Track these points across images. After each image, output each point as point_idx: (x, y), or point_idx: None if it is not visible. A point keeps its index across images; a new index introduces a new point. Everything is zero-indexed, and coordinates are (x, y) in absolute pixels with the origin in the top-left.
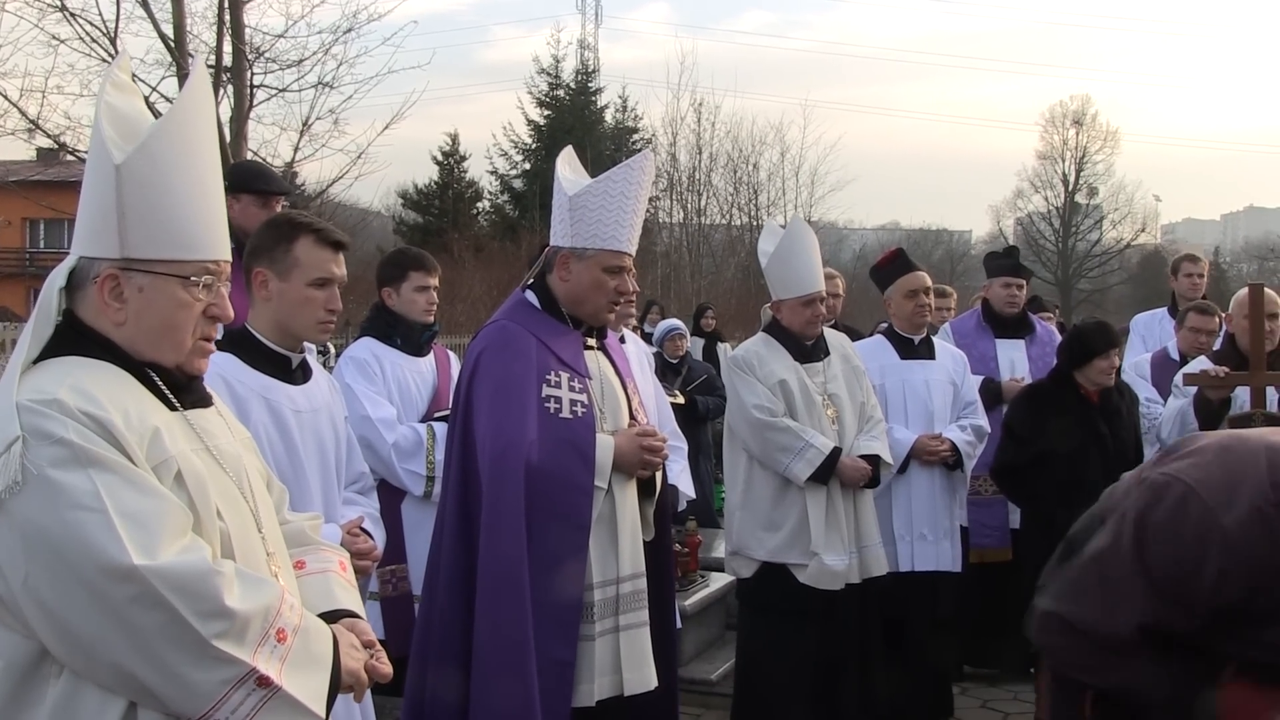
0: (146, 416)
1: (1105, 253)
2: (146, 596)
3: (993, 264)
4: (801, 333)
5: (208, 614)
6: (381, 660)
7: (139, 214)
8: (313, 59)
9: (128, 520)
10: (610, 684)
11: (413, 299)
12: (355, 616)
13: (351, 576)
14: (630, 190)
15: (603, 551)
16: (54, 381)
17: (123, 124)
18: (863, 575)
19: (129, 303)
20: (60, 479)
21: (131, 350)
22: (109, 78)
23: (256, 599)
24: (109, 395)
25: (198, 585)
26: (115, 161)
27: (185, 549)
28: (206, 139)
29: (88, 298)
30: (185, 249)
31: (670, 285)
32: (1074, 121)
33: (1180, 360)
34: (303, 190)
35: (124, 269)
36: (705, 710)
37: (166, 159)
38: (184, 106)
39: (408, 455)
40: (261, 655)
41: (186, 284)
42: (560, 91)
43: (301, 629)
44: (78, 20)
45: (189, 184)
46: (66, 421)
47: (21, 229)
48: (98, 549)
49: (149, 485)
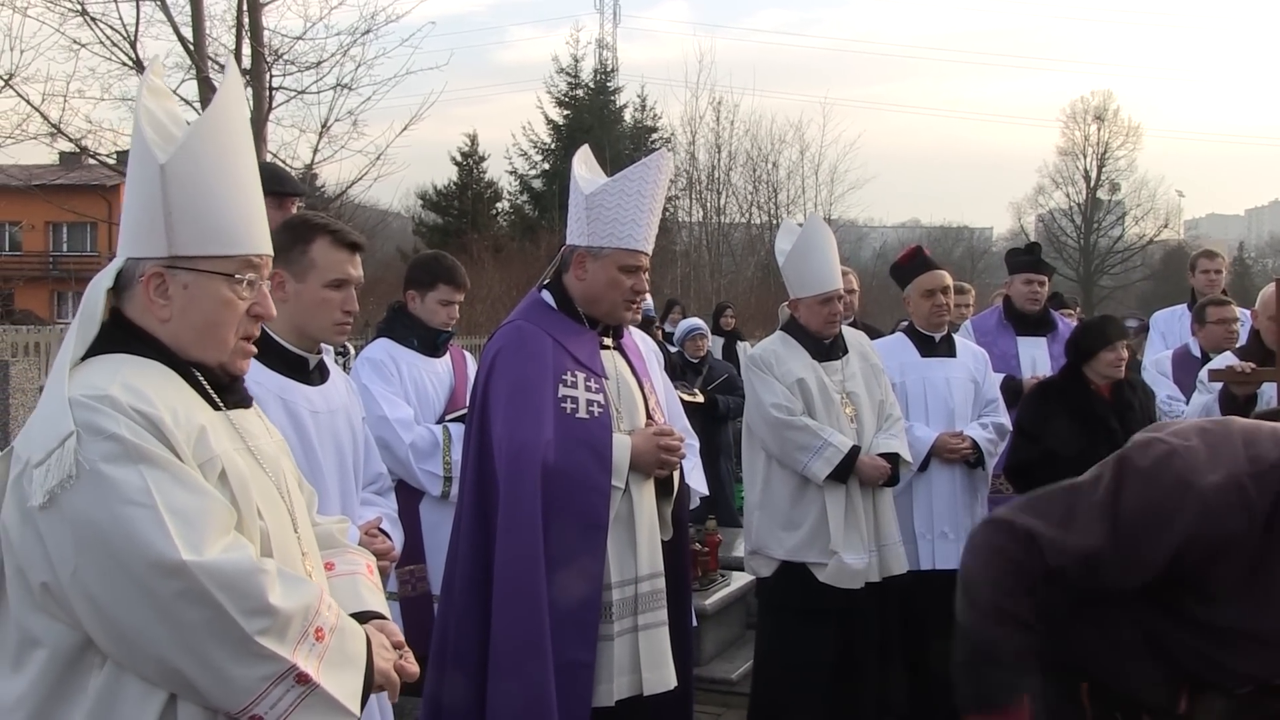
0: (193, 415)
1: (1128, 249)
2: (193, 592)
3: (1014, 261)
4: (819, 331)
5: (252, 611)
6: (409, 660)
7: (184, 211)
8: (331, 61)
9: (176, 517)
10: (629, 684)
11: (435, 310)
12: (381, 617)
13: (377, 579)
14: (647, 189)
15: (621, 551)
16: (106, 378)
17: (161, 127)
18: (882, 574)
19: (174, 300)
20: (112, 474)
21: (176, 348)
22: (145, 83)
23: (298, 597)
24: (158, 393)
25: (243, 582)
26: (160, 162)
27: (229, 546)
28: (243, 136)
29: (134, 297)
30: (229, 244)
31: (690, 284)
32: (1095, 117)
33: (1201, 357)
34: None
35: (169, 267)
36: (725, 709)
37: (208, 156)
38: (221, 105)
39: (425, 455)
40: (301, 653)
41: (231, 282)
42: (579, 91)
43: (338, 628)
44: (98, 24)
45: (230, 180)
46: (119, 417)
47: (45, 232)
48: (147, 544)
49: (196, 483)
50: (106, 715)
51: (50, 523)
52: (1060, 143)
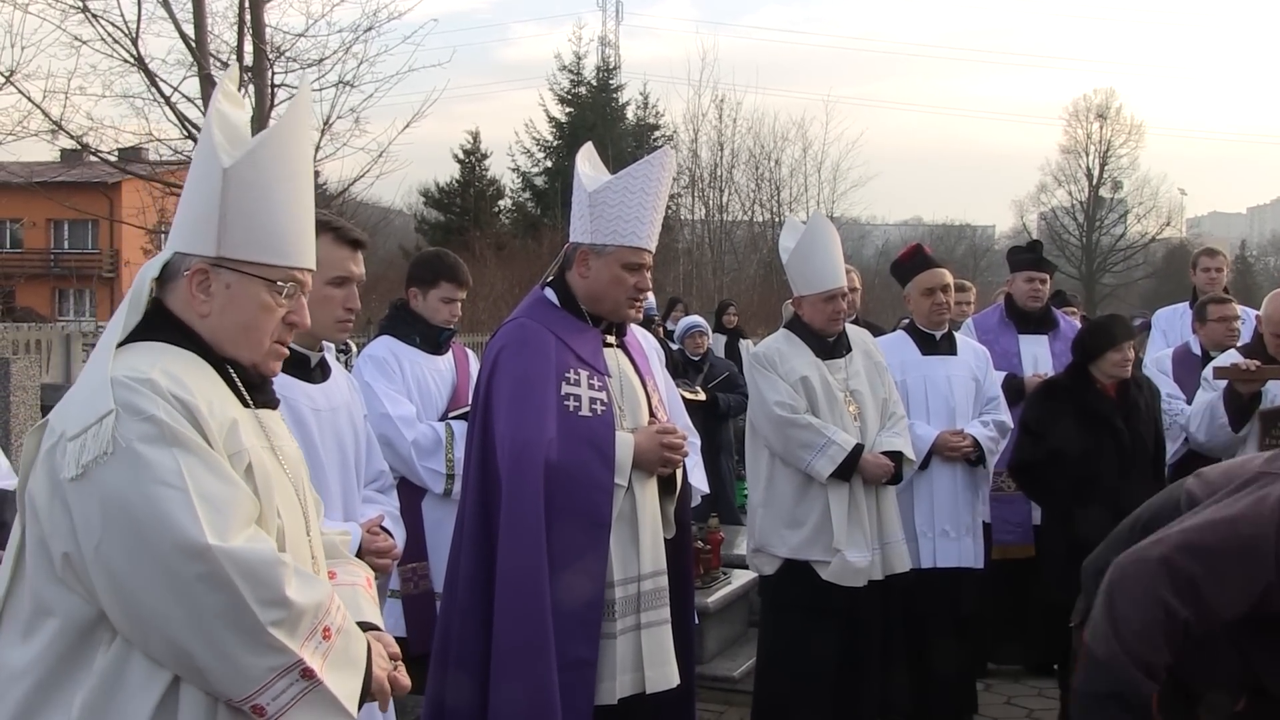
0: (226, 408)
1: (1130, 247)
2: (214, 576)
3: (1016, 259)
4: (823, 329)
5: (268, 601)
6: (403, 673)
7: (239, 216)
8: (333, 58)
9: (205, 502)
10: (632, 681)
11: (437, 307)
12: (378, 629)
13: (375, 593)
14: (650, 186)
15: (624, 549)
16: (147, 363)
17: (231, 131)
18: (885, 572)
19: (215, 297)
20: (147, 454)
21: (213, 343)
22: (221, 88)
23: (312, 594)
24: (195, 383)
25: (263, 572)
26: (224, 165)
27: (253, 537)
28: (306, 154)
29: (177, 289)
30: (277, 254)
31: (692, 282)
32: (1098, 115)
33: (1202, 355)
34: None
35: (214, 265)
36: (728, 707)
37: (271, 167)
38: (292, 119)
39: (427, 453)
40: (308, 648)
41: (272, 289)
42: (582, 88)
43: (344, 630)
44: (99, 21)
45: (288, 193)
46: (158, 400)
47: (46, 230)
48: (175, 525)
49: (226, 472)
50: (109, 693)
51: (80, 495)
52: (1063, 141)
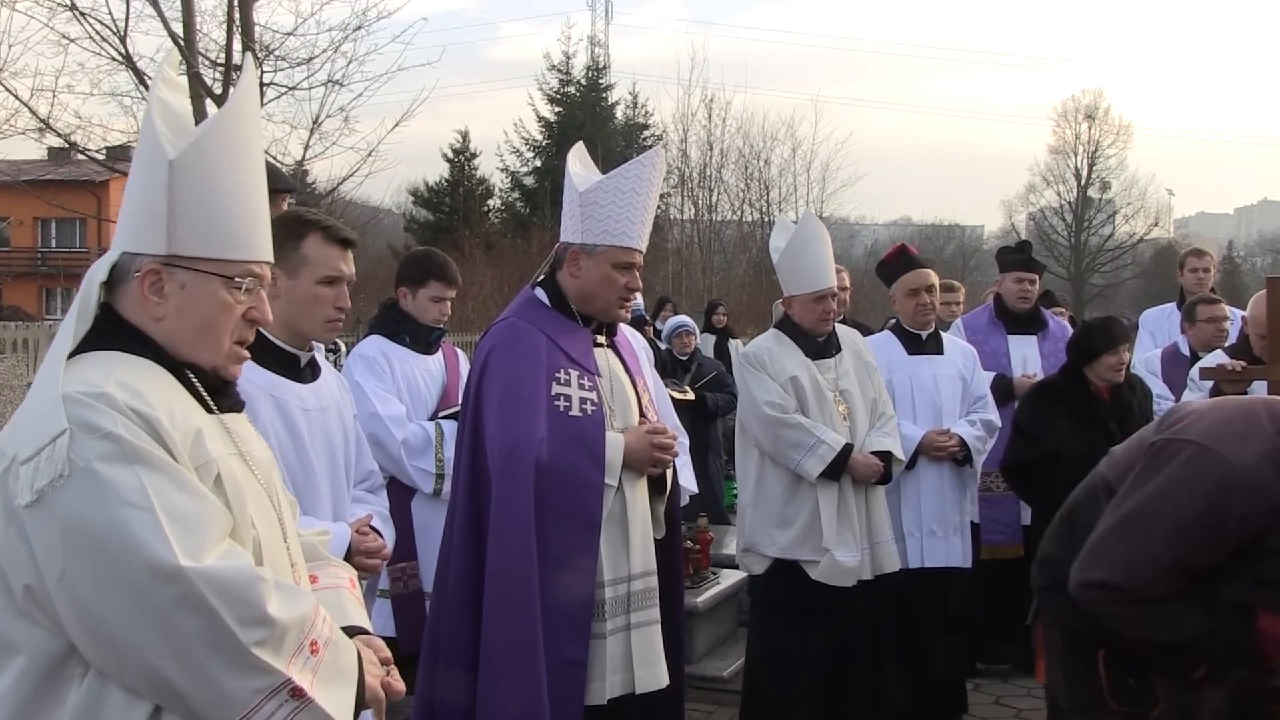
0: (189, 417)
1: (1118, 247)
2: (190, 599)
3: (1005, 259)
4: (813, 329)
5: (250, 621)
6: (396, 678)
7: (189, 211)
8: (322, 57)
9: (174, 520)
10: (622, 682)
11: (426, 306)
12: (366, 632)
13: (359, 594)
14: (641, 187)
15: (614, 549)
16: (101, 375)
17: (174, 120)
18: (875, 571)
19: (169, 298)
20: (108, 474)
21: (170, 347)
22: (160, 74)
23: (295, 608)
24: (155, 393)
25: (242, 591)
26: (169, 157)
27: (227, 554)
28: (255, 139)
29: (128, 292)
30: (232, 248)
31: (681, 281)
32: (1086, 116)
33: (1191, 355)
34: (313, 188)
35: (167, 264)
36: (717, 707)
37: (219, 157)
38: (238, 105)
39: (417, 453)
40: (296, 666)
41: (229, 285)
42: (571, 88)
43: (332, 642)
44: (87, 19)
45: (238, 183)
46: (115, 416)
47: (33, 228)
48: (144, 547)
49: (194, 486)
50: None
51: (38, 522)
52: (1051, 141)
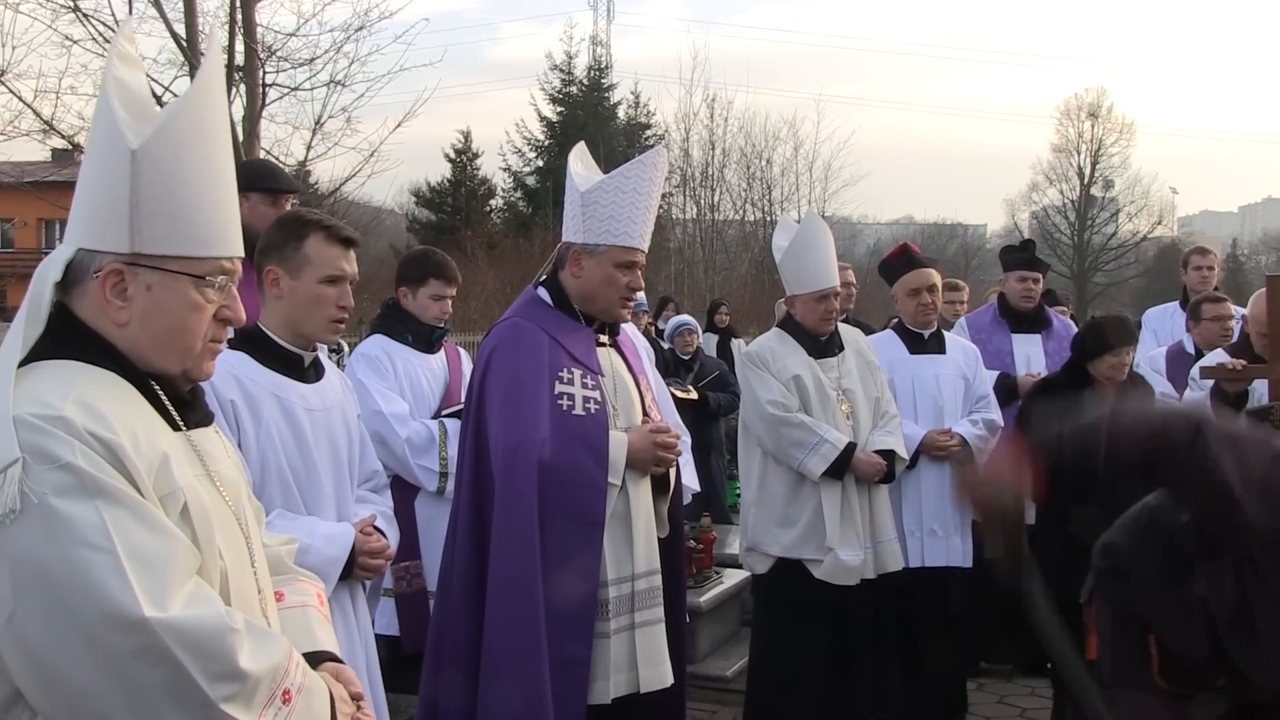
0: (155, 440)
1: (1121, 246)
2: (153, 651)
3: (1008, 258)
4: (815, 328)
5: (219, 675)
6: (367, 713)
7: (154, 205)
8: (324, 57)
9: (138, 563)
10: (626, 681)
11: (426, 305)
12: (336, 659)
13: (328, 610)
14: (642, 186)
15: (617, 549)
16: (58, 394)
17: (133, 104)
18: (878, 570)
19: (134, 302)
20: (65, 510)
21: (134, 355)
22: (115, 50)
23: (267, 658)
24: (118, 413)
25: (212, 644)
26: (131, 146)
27: (192, 598)
28: (223, 125)
29: (86, 294)
30: (202, 244)
31: (684, 281)
32: (1089, 114)
33: (1196, 354)
34: (315, 189)
35: (131, 264)
36: (720, 707)
37: (186, 145)
38: (202, 89)
39: (421, 451)
40: (266, 718)
41: (200, 284)
42: (573, 88)
43: (305, 688)
44: (90, 21)
45: (207, 173)
46: (73, 444)
47: (37, 229)
48: (104, 594)
49: (158, 522)
50: None
51: None
52: (1054, 139)
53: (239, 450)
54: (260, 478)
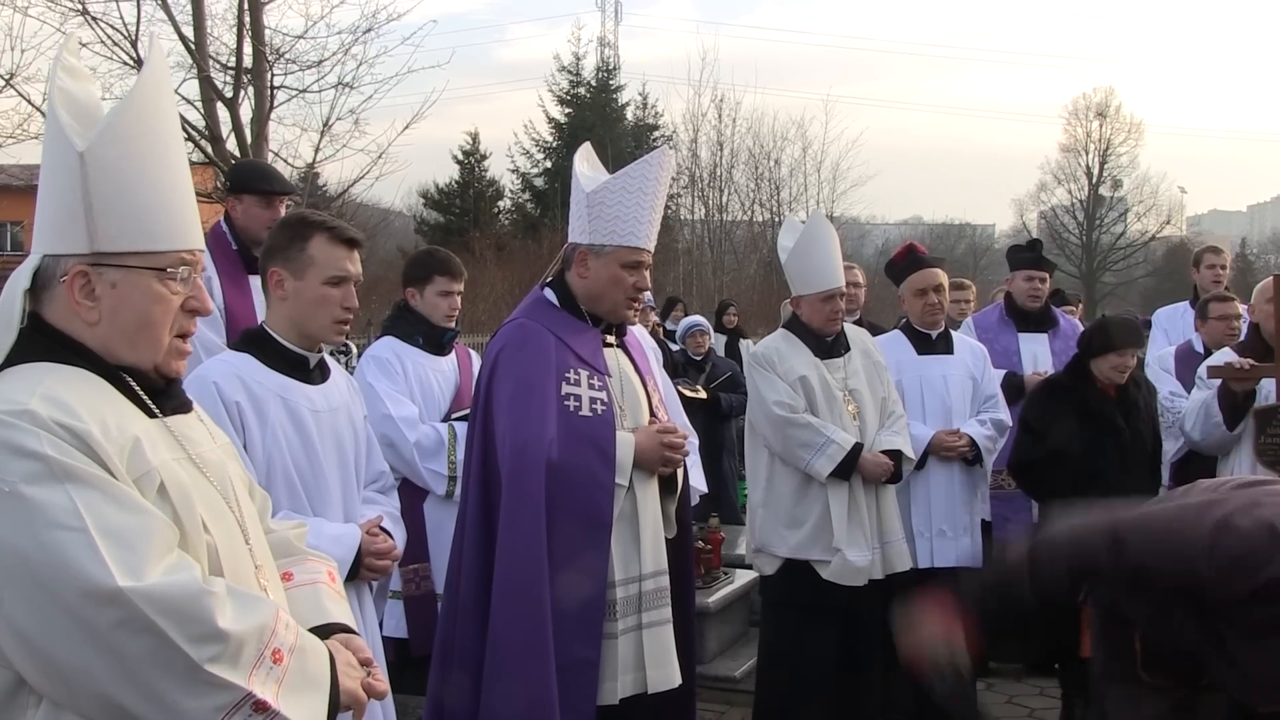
0: (126, 425)
1: (1130, 245)
2: (133, 621)
3: (1015, 257)
4: (821, 329)
5: (200, 637)
6: (378, 678)
7: (107, 204)
8: (332, 59)
9: (110, 539)
10: (634, 681)
11: (435, 303)
12: (348, 629)
13: (340, 587)
14: (648, 186)
15: (625, 549)
16: (25, 391)
17: (80, 110)
18: (886, 571)
19: (102, 300)
20: (35, 496)
21: (105, 352)
22: (59, 62)
23: (251, 619)
24: (85, 404)
25: (188, 607)
26: (78, 149)
27: (172, 568)
28: (170, 121)
29: (56, 298)
30: (159, 239)
31: (692, 282)
32: (1097, 114)
33: (1204, 353)
34: (324, 191)
35: (94, 265)
36: (729, 707)
37: (132, 142)
38: (145, 86)
39: (430, 454)
40: (257, 678)
41: (163, 276)
42: (581, 89)
43: (298, 648)
44: (99, 24)
45: (157, 169)
46: (40, 434)
47: None
48: (79, 571)
49: (132, 500)
50: None
51: None
52: (1062, 139)
53: (242, 446)
54: (266, 479)
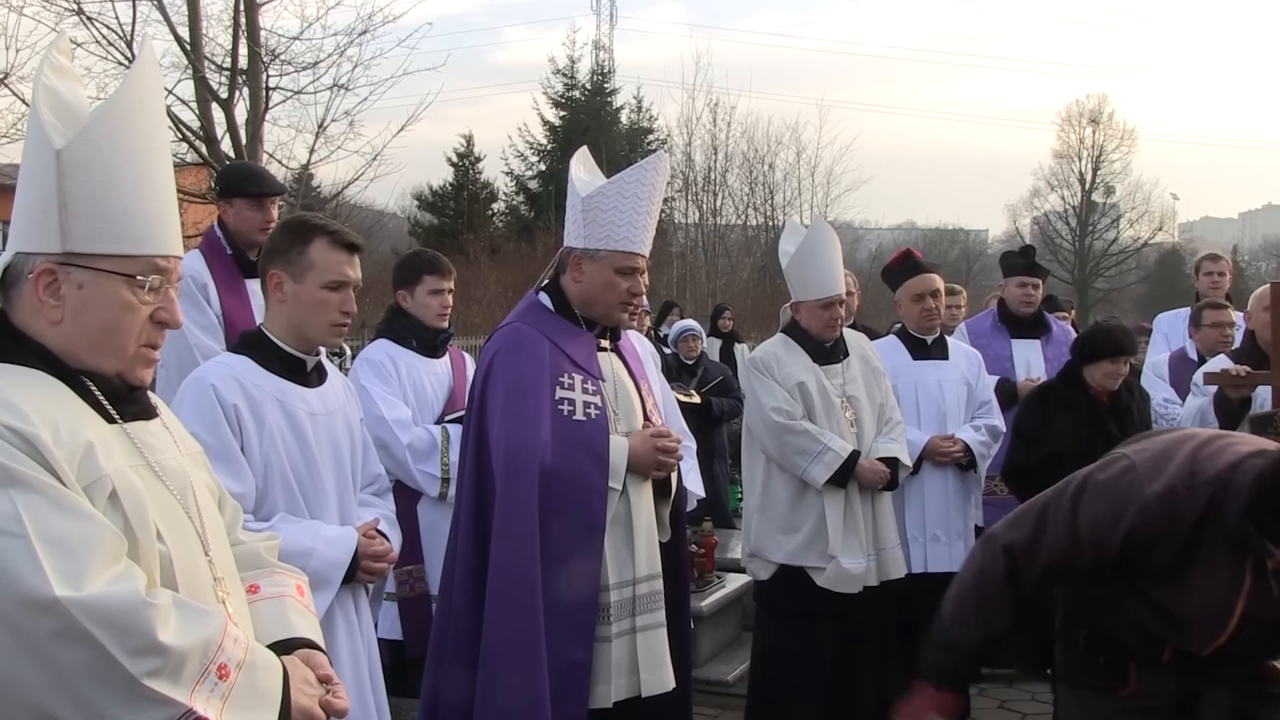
0: (79, 431)
1: (1122, 251)
2: (70, 631)
3: (1008, 263)
4: (820, 335)
5: (138, 650)
6: (338, 695)
7: (82, 204)
8: (328, 61)
9: (51, 547)
10: (627, 685)
11: (426, 302)
12: (312, 645)
13: (309, 601)
14: (643, 191)
15: (619, 553)
16: None
17: (63, 109)
18: (880, 578)
19: (66, 300)
20: None
21: (67, 355)
22: (47, 60)
23: (195, 632)
24: (37, 407)
25: (127, 619)
26: (55, 147)
27: (116, 578)
28: (156, 124)
29: (22, 296)
30: (134, 243)
31: (686, 286)
32: (1091, 120)
33: (1198, 360)
34: (318, 192)
35: (62, 264)
36: (721, 711)
37: (112, 144)
38: (131, 87)
39: (423, 456)
40: (200, 694)
41: (132, 284)
42: (576, 92)
43: (247, 664)
44: (94, 24)
45: (137, 172)
46: None
47: None
48: (15, 578)
49: (78, 508)
50: None
51: None
52: (1055, 146)
53: (239, 448)
54: (263, 482)
